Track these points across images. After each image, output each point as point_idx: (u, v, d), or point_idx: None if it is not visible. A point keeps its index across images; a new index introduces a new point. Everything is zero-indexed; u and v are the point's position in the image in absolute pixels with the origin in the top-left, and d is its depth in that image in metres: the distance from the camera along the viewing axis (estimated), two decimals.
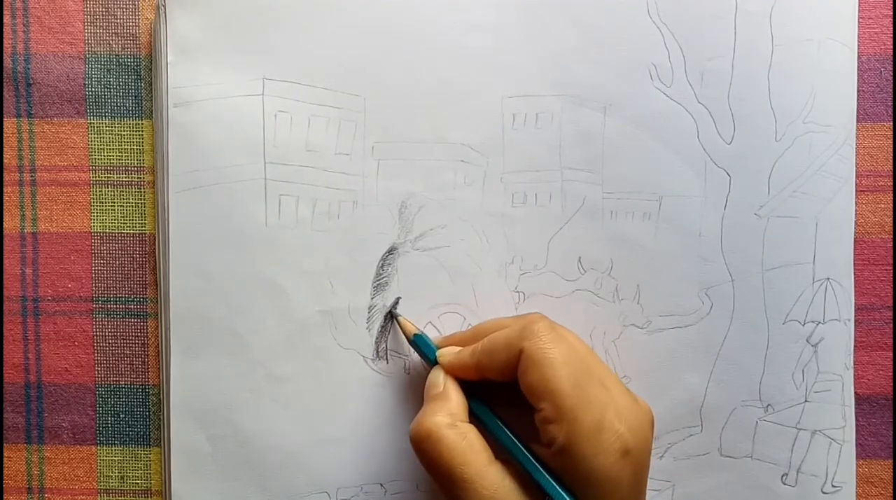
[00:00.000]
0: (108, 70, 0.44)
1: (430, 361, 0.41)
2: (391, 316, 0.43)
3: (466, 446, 0.36)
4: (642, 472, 0.36)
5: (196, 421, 0.43)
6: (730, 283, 0.43)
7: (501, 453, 0.37)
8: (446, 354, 0.40)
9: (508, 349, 0.37)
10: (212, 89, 0.42)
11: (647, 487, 0.38)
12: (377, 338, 0.43)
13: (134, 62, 0.44)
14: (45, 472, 0.45)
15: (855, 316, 0.44)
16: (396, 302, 0.43)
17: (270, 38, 0.42)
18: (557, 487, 0.35)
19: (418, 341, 0.41)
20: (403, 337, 0.42)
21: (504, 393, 0.38)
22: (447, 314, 0.43)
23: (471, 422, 0.38)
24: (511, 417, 0.38)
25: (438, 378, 0.39)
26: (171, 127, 0.42)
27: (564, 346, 0.36)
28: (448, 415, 0.37)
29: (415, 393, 0.43)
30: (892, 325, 0.44)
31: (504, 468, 0.36)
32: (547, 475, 0.36)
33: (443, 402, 0.38)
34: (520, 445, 0.37)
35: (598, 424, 0.34)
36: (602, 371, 0.37)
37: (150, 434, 0.45)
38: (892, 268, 0.44)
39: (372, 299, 0.43)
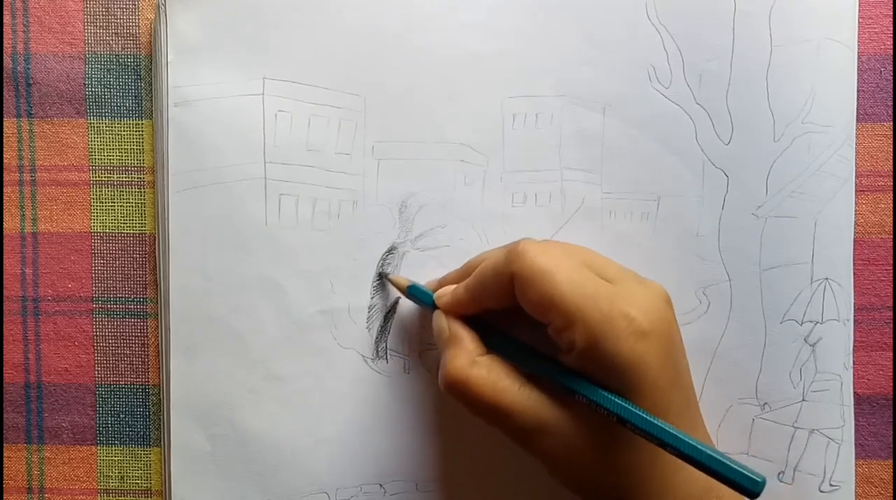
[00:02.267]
0: (108, 70, 0.44)
1: (429, 306, 0.40)
2: (382, 277, 0.43)
3: (494, 378, 0.36)
4: (670, 351, 0.36)
5: (196, 421, 0.43)
6: (727, 282, 0.43)
7: (527, 372, 0.37)
8: (442, 295, 0.40)
9: (498, 275, 0.37)
10: (212, 89, 0.42)
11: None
12: (377, 338, 0.43)
13: (134, 62, 0.44)
14: (45, 472, 0.45)
15: (855, 316, 0.44)
16: (396, 302, 0.43)
17: (270, 38, 0.42)
18: (589, 384, 0.35)
19: (413, 291, 0.41)
20: (404, 337, 0.42)
21: (510, 317, 0.38)
22: None
23: (490, 354, 0.38)
24: (525, 338, 0.38)
25: (442, 322, 0.39)
26: (171, 127, 0.42)
27: (552, 255, 0.36)
28: (466, 354, 0.37)
29: (415, 393, 0.43)
30: (892, 325, 0.44)
31: (536, 386, 0.36)
32: (575, 377, 0.35)
33: (455, 345, 0.38)
34: (542, 358, 0.37)
35: (608, 315, 0.34)
36: (601, 264, 0.37)
37: (150, 434, 0.45)
38: (892, 268, 0.44)
39: (372, 298, 0.43)
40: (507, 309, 0.37)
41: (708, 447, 0.33)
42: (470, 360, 0.37)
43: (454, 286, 0.40)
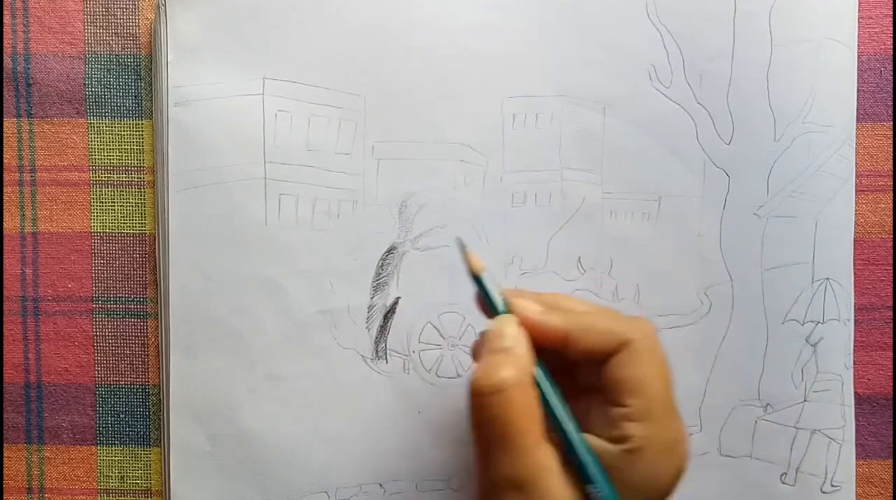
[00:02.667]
0: (108, 70, 0.44)
1: (499, 308, 0.35)
2: (461, 244, 0.37)
3: (533, 415, 0.32)
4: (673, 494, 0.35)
5: (196, 421, 0.43)
6: (729, 283, 0.43)
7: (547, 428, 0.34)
8: (528, 307, 0.35)
9: (612, 335, 0.34)
10: (212, 89, 0.42)
11: None
12: (377, 337, 0.43)
13: (134, 62, 0.44)
14: (45, 472, 0.45)
15: (855, 316, 0.44)
16: (396, 302, 0.43)
17: (270, 38, 0.42)
18: (610, 485, 0.33)
19: (486, 281, 0.36)
20: (404, 337, 0.42)
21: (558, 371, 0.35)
22: (447, 314, 0.43)
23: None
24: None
25: (511, 330, 0.34)
26: (171, 127, 0.42)
27: (664, 355, 0.34)
28: (525, 375, 0.33)
29: (415, 393, 0.43)
30: (892, 325, 0.44)
31: (552, 446, 0.33)
32: (601, 469, 0.33)
33: (515, 358, 0.33)
34: (579, 431, 0.34)
35: (676, 441, 0.34)
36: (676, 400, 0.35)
37: (150, 434, 0.45)
38: (892, 268, 0.44)
39: (371, 298, 0.43)
40: (565, 364, 0.35)
41: None
42: (522, 380, 0.33)
43: (539, 307, 0.35)
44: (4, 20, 0.44)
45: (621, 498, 0.33)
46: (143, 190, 0.44)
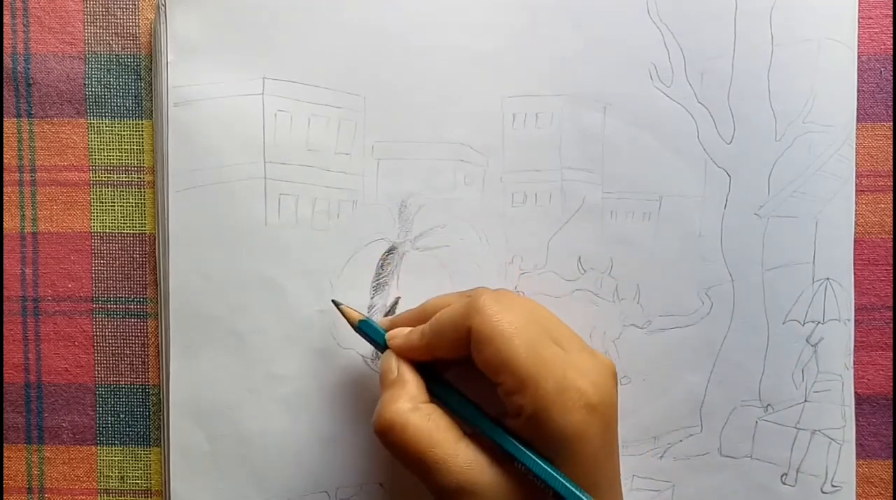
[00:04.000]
0: (108, 70, 0.44)
1: (380, 346, 0.39)
2: (335, 304, 0.41)
3: (433, 427, 0.35)
4: (610, 427, 0.36)
5: (196, 421, 0.43)
6: (730, 283, 0.43)
7: (468, 428, 0.37)
8: (396, 336, 0.39)
9: (456, 329, 0.36)
10: (212, 89, 0.42)
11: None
12: None
13: (134, 62, 0.44)
14: (45, 472, 0.45)
15: (855, 316, 0.44)
16: (396, 302, 0.43)
17: (270, 38, 0.42)
18: (529, 453, 0.35)
19: (364, 328, 0.40)
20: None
21: (460, 369, 0.38)
22: None
23: (432, 402, 0.37)
24: (472, 391, 0.38)
25: (391, 363, 0.38)
26: (171, 127, 0.42)
27: (511, 315, 0.35)
28: (408, 399, 0.36)
29: None
30: (892, 325, 0.44)
31: (474, 444, 0.36)
32: (517, 443, 0.35)
33: (400, 387, 0.37)
34: (485, 417, 0.37)
35: (560, 384, 0.34)
36: (557, 332, 0.37)
37: (150, 434, 0.45)
38: (892, 268, 0.44)
39: (371, 298, 0.43)
40: (459, 360, 0.37)
41: None
42: (412, 405, 0.36)
43: (409, 329, 0.39)
44: (4, 20, 0.44)
45: (558, 456, 0.34)
46: (143, 190, 0.44)
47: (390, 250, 0.43)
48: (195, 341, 0.43)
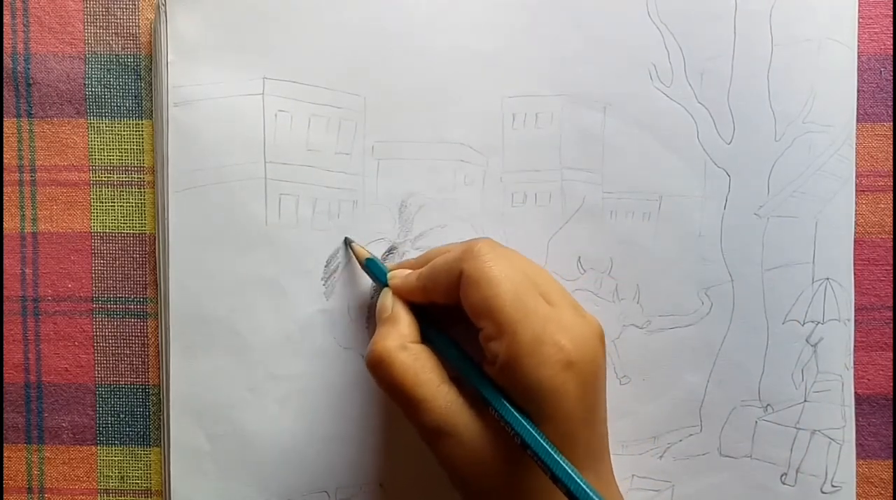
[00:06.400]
0: (108, 70, 0.44)
1: (382, 283, 0.41)
2: (346, 242, 0.43)
3: (419, 367, 0.36)
4: (592, 386, 0.35)
5: (196, 421, 0.43)
6: (729, 283, 0.43)
7: (454, 373, 0.37)
8: (395, 276, 0.40)
9: (450, 272, 0.37)
10: (212, 89, 0.42)
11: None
12: None
13: (134, 62, 0.44)
14: (45, 472, 0.45)
15: (855, 316, 0.44)
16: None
17: (270, 38, 0.42)
18: (503, 400, 0.35)
19: (370, 266, 0.41)
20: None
21: (455, 316, 0.38)
22: None
23: (424, 343, 0.38)
24: (463, 339, 0.38)
25: (387, 301, 0.39)
26: (171, 127, 0.42)
27: (504, 263, 0.36)
28: (398, 337, 0.37)
29: None
30: (892, 325, 0.44)
31: (456, 388, 0.36)
32: (493, 390, 0.35)
33: (392, 325, 0.38)
34: (469, 363, 0.37)
35: (538, 337, 0.34)
36: (548, 287, 0.37)
37: (150, 434, 0.45)
38: (892, 268, 0.44)
39: (372, 298, 0.43)
40: (453, 307, 0.37)
41: (600, 494, 0.32)
42: (401, 343, 0.37)
43: (409, 271, 0.40)
44: (4, 20, 0.44)
45: (531, 409, 0.35)
46: (143, 190, 0.44)
47: (390, 250, 0.43)
48: (195, 341, 0.43)
